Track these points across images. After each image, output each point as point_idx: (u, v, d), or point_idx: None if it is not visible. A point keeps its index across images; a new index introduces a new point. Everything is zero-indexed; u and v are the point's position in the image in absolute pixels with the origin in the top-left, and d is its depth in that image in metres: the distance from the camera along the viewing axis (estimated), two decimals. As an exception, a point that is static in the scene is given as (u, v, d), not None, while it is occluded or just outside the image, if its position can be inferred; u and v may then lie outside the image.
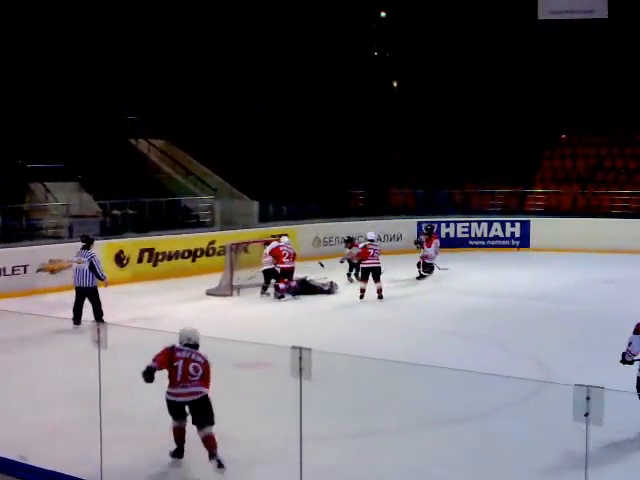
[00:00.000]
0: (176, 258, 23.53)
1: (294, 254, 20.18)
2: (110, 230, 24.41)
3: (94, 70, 29.66)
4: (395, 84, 39.13)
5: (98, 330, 7.50)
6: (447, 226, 29.07)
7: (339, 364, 10.38)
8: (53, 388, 11.82)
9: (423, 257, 22.97)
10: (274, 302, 19.43)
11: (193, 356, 9.22)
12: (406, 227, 28.84)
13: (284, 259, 19.83)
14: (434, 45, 35.40)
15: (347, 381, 11.56)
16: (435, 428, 10.19)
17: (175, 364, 9.10)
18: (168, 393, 9.12)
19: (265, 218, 27.72)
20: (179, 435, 9.17)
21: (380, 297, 19.53)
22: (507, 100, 33.64)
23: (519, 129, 33.09)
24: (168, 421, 9.03)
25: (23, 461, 7.03)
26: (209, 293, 19.92)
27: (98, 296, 16.42)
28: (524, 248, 28.65)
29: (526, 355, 13.77)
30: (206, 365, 9.24)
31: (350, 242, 22.42)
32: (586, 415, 5.60)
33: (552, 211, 30.23)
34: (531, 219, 29.10)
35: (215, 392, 11.53)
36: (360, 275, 20.40)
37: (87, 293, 16.40)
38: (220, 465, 8.61)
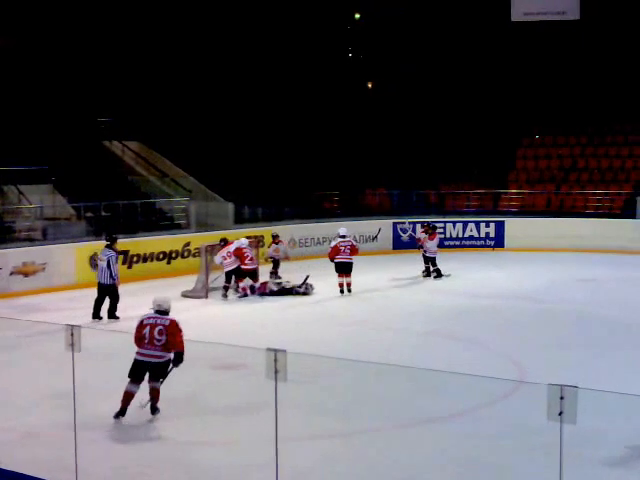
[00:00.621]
0: (151, 260, 23.45)
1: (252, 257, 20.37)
2: (84, 233, 24.27)
3: (67, 71, 29.52)
4: (370, 85, 39.24)
5: (72, 334, 7.46)
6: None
7: (315, 365, 10.38)
8: (28, 392, 11.73)
9: (424, 251, 23.14)
10: (249, 304, 19.38)
11: (159, 321, 10.43)
12: (382, 228, 28.91)
13: (247, 260, 20.01)
14: (408, 46, 35.55)
15: (323, 382, 11.55)
16: (412, 428, 10.21)
17: (144, 331, 10.35)
18: (137, 354, 10.37)
19: (240, 220, 27.66)
20: (127, 399, 10.26)
21: (349, 291, 20.26)
22: (481, 101, 33.86)
23: (493, 130, 33.30)
24: (145, 424, 8.99)
25: (-3, 465, 6.98)
26: (184, 295, 19.86)
27: (117, 294, 17.20)
28: (499, 248, 28.82)
29: (502, 355, 13.83)
30: (171, 327, 10.34)
31: (276, 238, 22.63)
32: (560, 414, 5.64)
33: (526, 211, 30.42)
34: (505, 219, 29.27)
35: (192, 393, 11.54)
36: (335, 270, 20.58)
37: (106, 290, 17.20)
38: (155, 411, 10.39)
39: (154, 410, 10.45)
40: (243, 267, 19.97)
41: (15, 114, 27.22)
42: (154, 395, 10.44)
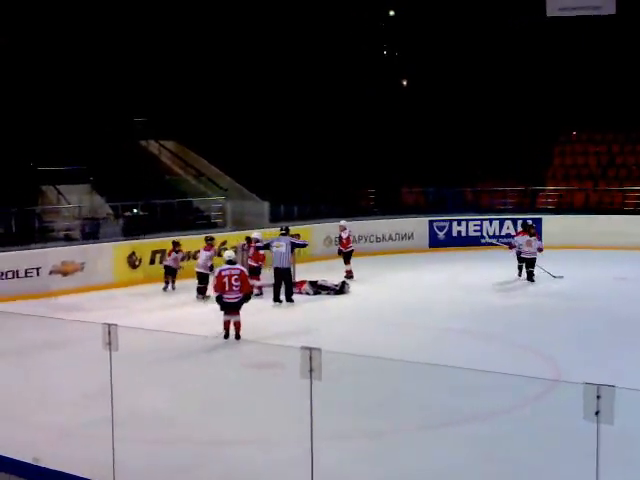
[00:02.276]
0: (188, 259, 23.55)
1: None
2: (122, 232, 24.48)
3: (105, 72, 29.78)
4: (405, 83, 39.11)
5: (109, 332, 7.52)
6: (459, 224, 29.05)
7: (349, 364, 10.38)
8: (66, 390, 11.87)
9: (517, 252, 21.93)
10: (284, 302, 19.38)
11: (233, 271, 15.09)
12: (418, 226, 28.86)
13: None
14: (444, 43, 35.39)
15: (357, 381, 11.55)
16: (446, 428, 10.18)
17: (224, 280, 14.95)
18: (223, 297, 14.99)
19: (276, 218, 27.71)
20: (227, 324, 14.98)
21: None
22: (518, 97, 33.59)
23: (530, 126, 33.03)
24: (181, 422, 9.04)
25: (36, 463, 7.06)
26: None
27: (291, 277, 19.50)
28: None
29: (538, 353, 13.75)
30: (242, 275, 15.16)
31: (248, 242, 20.91)
32: (597, 414, 5.59)
33: (564, 208, 30.15)
34: (543, 217, 29.00)
35: (227, 392, 11.61)
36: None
37: (284, 273, 19.20)
38: (238, 337, 14.71)
39: (238, 337, 14.80)
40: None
41: (53, 115, 27.51)
42: (237, 326, 14.91)
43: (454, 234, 28.98)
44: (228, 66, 32.69)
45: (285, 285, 19.28)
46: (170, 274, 21.22)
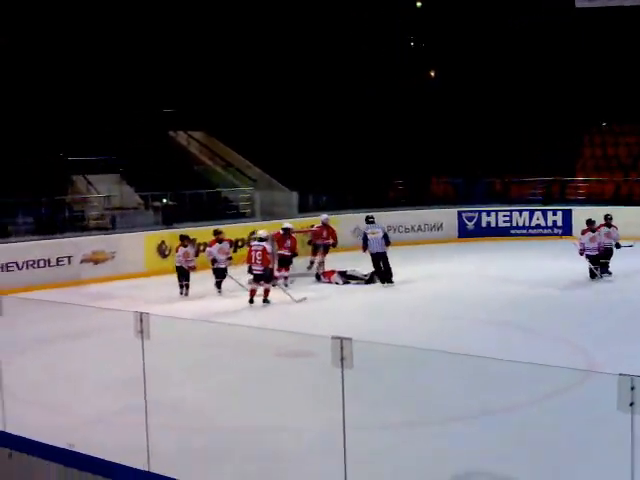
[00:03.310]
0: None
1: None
2: (151, 221, 24.65)
3: (133, 63, 29.91)
4: (433, 73, 38.96)
5: (141, 321, 7.58)
6: (488, 215, 28.94)
7: (379, 354, 10.39)
8: (99, 377, 11.99)
9: (581, 250, 20.49)
10: (314, 291, 19.43)
11: (255, 247, 18.05)
12: (446, 217, 28.79)
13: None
14: (473, 33, 35.20)
15: (388, 371, 11.57)
16: (477, 418, 10.17)
17: (252, 254, 17.96)
18: (251, 268, 17.90)
19: (305, 208, 27.77)
20: (253, 292, 17.77)
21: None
22: (547, 88, 33.36)
23: (560, 117, 32.78)
24: (213, 409, 9.10)
25: (71, 449, 7.14)
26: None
27: (388, 259, 20.23)
28: (566, 236, 28.37)
29: (569, 344, 13.68)
30: (264, 250, 17.85)
31: (285, 232, 20.40)
32: (631, 405, 5.57)
33: (594, 199, 29.90)
34: (573, 208, 28.79)
35: (259, 380, 11.68)
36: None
37: (382, 257, 20.23)
38: (266, 302, 17.75)
39: (265, 301, 17.75)
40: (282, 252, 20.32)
41: (83, 106, 27.69)
42: (266, 293, 17.75)
43: (483, 225, 28.88)
44: (257, 57, 32.70)
45: (384, 267, 20.25)
46: (183, 276, 19.41)
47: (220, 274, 19.40)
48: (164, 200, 26.07)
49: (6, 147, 24.66)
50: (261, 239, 18.25)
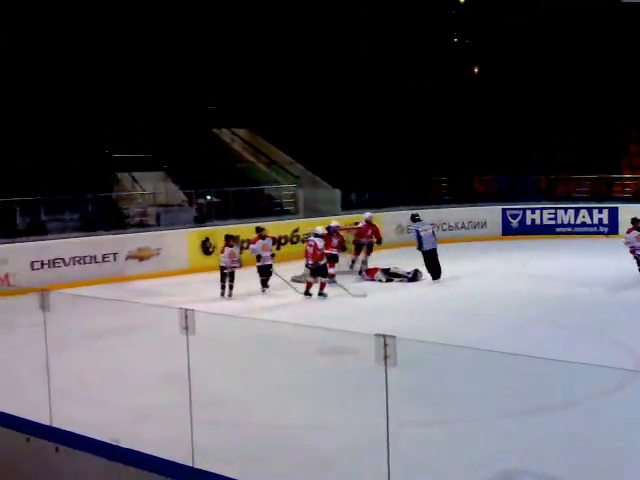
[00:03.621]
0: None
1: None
2: (196, 219, 24.80)
3: (178, 61, 30.12)
4: (476, 70, 38.71)
5: (186, 317, 7.62)
6: (532, 213, 28.69)
7: (424, 351, 10.35)
8: (144, 373, 12.09)
9: (632, 248, 20.05)
10: (358, 289, 19.40)
11: (311, 242, 18.72)
12: (490, 214, 28.60)
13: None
14: (514, 30, 34.89)
15: (432, 369, 11.52)
16: (524, 416, 10.09)
17: (307, 249, 18.79)
18: (307, 262, 18.64)
19: (348, 206, 27.75)
20: (309, 285, 18.53)
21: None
22: (592, 84, 32.96)
23: (605, 113, 32.38)
24: (256, 406, 9.13)
25: (115, 443, 7.20)
26: (294, 280, 20.03)
27: (437, 256, 20.37)
28: (613, 235, 28.02)
29: (617, 344, 13.50)
30: (315, 246, 18.43)
31: (329, 230, 20.00)
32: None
33: (641, 197, 29.51)
34: (619, 205, 28.41)
35: (302, 378, 11.69)
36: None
37: (434, 253, 20.37)
38: (323, 295, 18.35)
39: (321, 294, 18.35)
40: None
41: (129, 103, 27.93)
42: (321, 286, 18.36)
43: (528, 222, 28.64)
44: (300, 55, 32.76)
45: (435, 264, 20.36)
46: (228, 276, 18.89)
47: (265, 271, 19.19)
48: (208, 197, 26.22)
49: (53, 146, 24.95)
50: (316, 234, 18.76)
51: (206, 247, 22.71)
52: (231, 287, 18.77)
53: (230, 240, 19.21)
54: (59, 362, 9.97)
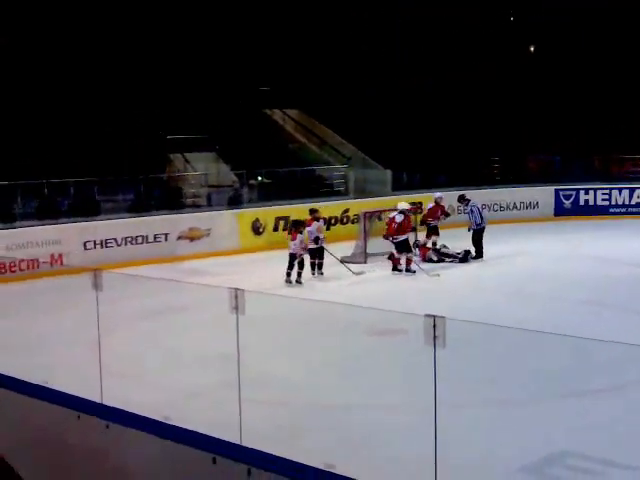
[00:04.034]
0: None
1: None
2: (247, 199, 24.90)
3: (231, 42, 30.17)
4: (532, 48, 38.16)
5: (236, 297, 7.65)
6: (586, 193, 28.28)
7: (473, 332, 10.29)
8: (195, 352, 12.19)
9: None
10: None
11: (392, 217, 18.87)
12: (543, 194, 28.26)
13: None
14: (570, 8, 34.28)
15: (480, 350, 11.45)
16: (573, 398, 10.00)
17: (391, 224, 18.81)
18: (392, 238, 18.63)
19: (398, 186, 27.61)
20: (395, 261, 18.76)
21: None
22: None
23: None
24: (304, 386, 9.17)
25: (165, 421, 7.27)
26: (343, 260, 20.00)
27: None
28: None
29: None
30: (392, 220, 18.78)
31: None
32: None
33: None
34: (675, 185, 27.91)
35: (350, 358, 11.70)
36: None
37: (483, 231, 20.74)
38: (410, 272, 18.54)
39: (408, 270, 18.57)
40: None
41: (182, 85, 28.08)
42: (408, 262, 18.60)
43: (581, 203, 28.25)
44: (352, 35, 32.61)
45: (481, 243, 20.68)
46: (297, 263, 18.12)
47: (321, 254, 18.71)
48: (259, 178, 26.29)
49: (108, 127, 25.18)
50: (400, 211, 18.92)
51: (256, 227, 22.79)
52: (300, 274, 17.98)
53: (300, 226, 18.50)
54: (110, 341, 10.11)
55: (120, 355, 11.44)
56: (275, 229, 23.08)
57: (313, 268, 18.69)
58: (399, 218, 18.80)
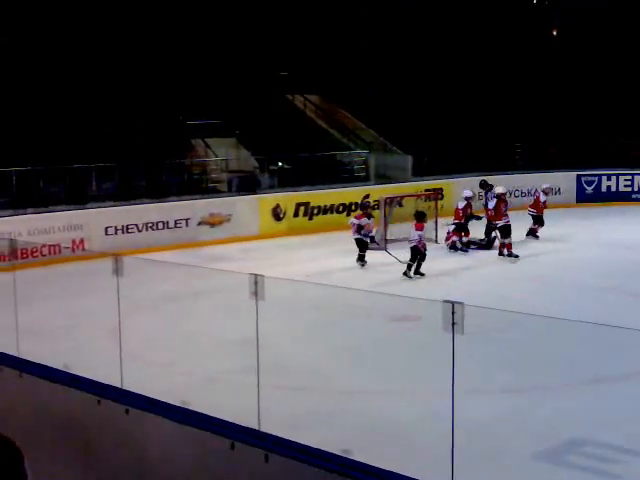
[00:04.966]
0: (331, 212, 23.77)
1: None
2: (267, 184, 24.90)
3: (251, 27, 30.13)
4: (555, 32, 37.85)
5: (256, 282, 7.66)
6: (608, 179, 28.11)
7: (491, 319, 10.27)
8: (214, 337, 12.24)
9: None
10: (433, 259, 19.25)
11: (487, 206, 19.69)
12: (565, 180, 28.09)
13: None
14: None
15: (499, 336, 11.43)
16: (592, 385, 9.97)
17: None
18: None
19: (419, 172, 27.51)
20: (501, 246, 18.88)
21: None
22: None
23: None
24: (324, 372, 9.19)
25: (185, 406, 7.30)
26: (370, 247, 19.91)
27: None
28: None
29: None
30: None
31: (364, 209, 19.38)
32: None
33: None
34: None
35: (369, 344, 11.71)
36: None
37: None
38: (512, 255, 18.60)
39: (510, 255, 18.60)
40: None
41: (203, 70, 28.07)
42: (508, 246, 18.60)
43: (603, 189, 28.07)
44: (374, 22, 32.49)
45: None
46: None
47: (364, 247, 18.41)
48: (280, 163, 26.28)
49: (128, 113, 25.22)
50: (496, 195, 19.48)
51: (276, 213, 22.82)
52: (420, 266, 17.18)
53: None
54: (131, 326, 10.15)
55: (141, 340, 11.50)
56: (295, 215, 23.09)
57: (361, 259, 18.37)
58: (491, 204, 19.48)
